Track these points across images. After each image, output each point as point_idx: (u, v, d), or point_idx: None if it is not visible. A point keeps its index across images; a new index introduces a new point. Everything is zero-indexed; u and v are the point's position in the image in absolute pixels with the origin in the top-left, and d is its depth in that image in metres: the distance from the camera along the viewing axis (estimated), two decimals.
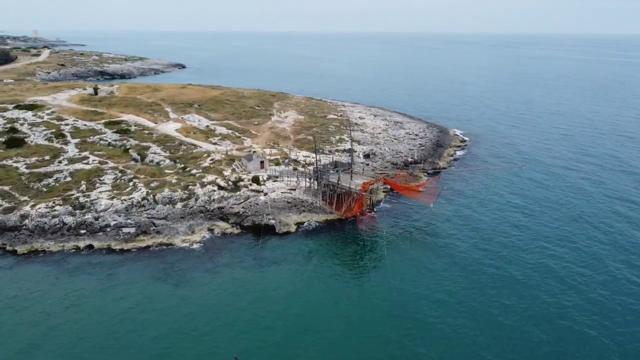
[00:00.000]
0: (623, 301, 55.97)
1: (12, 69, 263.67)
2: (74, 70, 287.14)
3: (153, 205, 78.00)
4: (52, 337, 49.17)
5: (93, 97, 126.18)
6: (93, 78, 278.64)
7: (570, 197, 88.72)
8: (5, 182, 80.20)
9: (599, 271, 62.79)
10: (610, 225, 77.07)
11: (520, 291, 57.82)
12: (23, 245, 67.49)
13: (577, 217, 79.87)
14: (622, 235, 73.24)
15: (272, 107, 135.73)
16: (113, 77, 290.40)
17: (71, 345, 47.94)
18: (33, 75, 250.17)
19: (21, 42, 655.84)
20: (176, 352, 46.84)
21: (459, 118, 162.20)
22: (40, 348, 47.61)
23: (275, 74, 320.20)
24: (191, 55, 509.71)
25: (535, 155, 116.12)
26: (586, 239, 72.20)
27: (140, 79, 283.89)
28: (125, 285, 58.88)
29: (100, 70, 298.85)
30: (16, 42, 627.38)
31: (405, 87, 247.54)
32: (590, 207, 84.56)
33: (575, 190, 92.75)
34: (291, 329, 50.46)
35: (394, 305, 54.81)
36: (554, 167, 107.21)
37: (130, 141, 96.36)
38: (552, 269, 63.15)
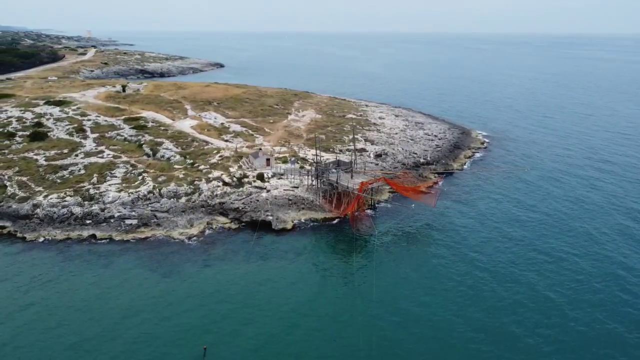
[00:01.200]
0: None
1: (59, 67, 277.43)
2: (116, 69, 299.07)
3: (158, 198, 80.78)
4: (27, 316, 52.00)
5: (119, 94, 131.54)
6: (134, 76, 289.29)
7: (575, 206, 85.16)
8: (24, 173, 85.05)
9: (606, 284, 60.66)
10: (618, 236, 74.13)
11: (505, 296, 56.67)
12: (32, 233, 71.47)
13: (578, 228, 77.12)
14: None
15: (292, 106, 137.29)
16: (153, 75, 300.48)
17: (47, 328, 50.49)
18: (77, 73, 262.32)
19: (74, 41, 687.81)
20: (146, 339, 48.59)
21: (487, 120, 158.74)
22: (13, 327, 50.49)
23: (309, 73, 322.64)
24: (233, 55, 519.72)
25: (554, 160, 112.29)
26: (589, 251, 69.75)
27: (179, 78, 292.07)
28: (117, 274, 61.43)
29: (141, 69, 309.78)
30: (70, 42, 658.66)
31: (439, 88, 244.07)
32: (597, 219, 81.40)
33: (581, 199, 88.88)
34: (266, 324, 51.31)
35: (371, 305, 54.82)
36: (570, 173, 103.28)
37: (146, 137, 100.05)
38: (538, 281, 61.48)
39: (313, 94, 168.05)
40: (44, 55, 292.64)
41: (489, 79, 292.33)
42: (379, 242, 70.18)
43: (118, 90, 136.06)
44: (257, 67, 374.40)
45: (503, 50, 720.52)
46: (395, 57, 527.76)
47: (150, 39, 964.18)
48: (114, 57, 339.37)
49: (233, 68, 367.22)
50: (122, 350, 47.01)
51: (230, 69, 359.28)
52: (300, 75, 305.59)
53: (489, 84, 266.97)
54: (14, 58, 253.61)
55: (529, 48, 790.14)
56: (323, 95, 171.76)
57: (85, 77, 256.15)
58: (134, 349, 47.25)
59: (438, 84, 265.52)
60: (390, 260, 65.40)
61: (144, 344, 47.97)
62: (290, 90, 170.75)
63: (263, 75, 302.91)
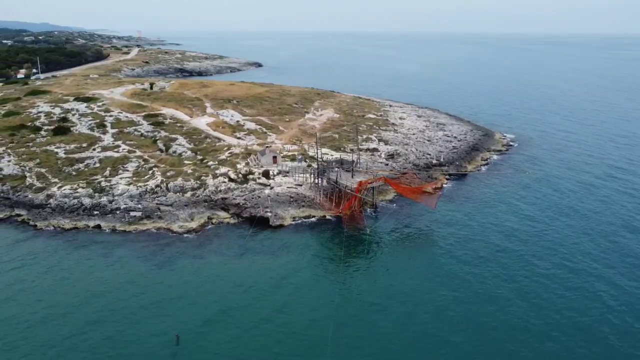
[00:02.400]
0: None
1: (102, 65, 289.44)
2: (156, 68, 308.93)
3: (165, 192, 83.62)
4: (18, 298, 55.22)
5: (144, 91, 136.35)
6: (172, 75, 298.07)
7: (581, 221, 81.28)
8: (44, 165, 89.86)
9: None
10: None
11: (488, 296, 55.68)
12: (43, 221, 75.55)
13: (579, 241, 74.43)
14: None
15: (312, 105, 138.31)
16: (191, 74, 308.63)
17: (32, 309, 53.49)
18: (119, 72, 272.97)
19: (125, 41, 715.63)
20: (123, 326, 50.65)
21: (517, 123, 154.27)
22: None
23: (343, 73, 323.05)
24: (273, 54, 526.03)
25: (572, 169, 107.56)
26: (596, 261, 67.36)
27: (215, 77, 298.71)
28: (112, 262, 64.26)
29: (180, 68, 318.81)
30: (120, 41, 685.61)
31: (473, 89, 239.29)
32: (608, 228, 78.28)
33: (589, 215, 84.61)
34: (240, 316, 52.47)
35: (348, 302, 55.10)
36: (583, 184, 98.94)
37: (161, 133, 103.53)
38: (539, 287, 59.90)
39: (337, 93, 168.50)
40: (89, 54, 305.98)
41: (528, 80, 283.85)
42: (370, 241, 70.19)
43: (145, 88, 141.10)
44: (294, 67, 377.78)
45: (553, 50, 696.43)
46: (434, 57, 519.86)
47: (197, 39, 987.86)
48: (155, 56, 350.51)
49: (270, 67, 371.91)
50: (94, 335, 49.25)
51: (268, 68, 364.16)
52: (334, 75, 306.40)
53: (528, 85, 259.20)
54: (60, 57, 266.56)
55: (582, 49, 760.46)
56: (347, 95, 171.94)
57: (126, 75, 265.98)
58: (108, 334, 49.39)
59: (473, 84, 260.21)
60: (377, 259, 65.43)
61: (119, 330, 50.06)
62: (314, 89, 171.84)
63: (297, 74, 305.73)
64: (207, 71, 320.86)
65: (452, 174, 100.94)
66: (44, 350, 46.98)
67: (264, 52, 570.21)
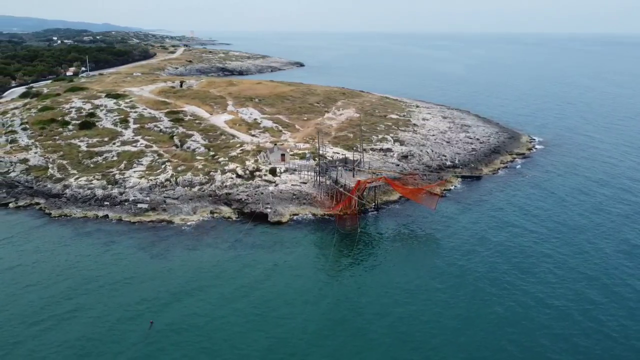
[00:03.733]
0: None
1: (148, 64, 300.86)
2: (199, 66, 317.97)
3: (174, 186, 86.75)
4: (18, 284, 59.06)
5: (172, 89, 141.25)
6: (214, 74, 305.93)
7: (589, 231, 77.84)
8: (66, 157, 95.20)
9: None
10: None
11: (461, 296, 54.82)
12: (57, 210, 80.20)
13: (584, 247, 71.52)
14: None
15: (334, 104, 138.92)
16: (232, 73, 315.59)
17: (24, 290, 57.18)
18: (162, 70, 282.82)
19: (177, 40, 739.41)
20: (101, 312, 53.31)
21: (551, 126, 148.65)
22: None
23: (382, 73, 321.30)
24: (317, 55, 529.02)
25: (597, 174, 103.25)
26: (599, 273, 64.86)
27: (255, 76, 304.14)
28: (111, 250, 67.61)
29: (222, 67, 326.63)
30: (173, 41, 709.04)
31: (512, 91, 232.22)
32: (606, 243, 74.82)
33: (598, 215, 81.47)
34: (216, 307, 54.06)
35: (323, 300, 55.66)
36: (605, 190, 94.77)
37: (179, 129, 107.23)
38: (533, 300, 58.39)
39: (365, 93, 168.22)
40: (136, 53, 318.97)
41: (575, 83, 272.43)
42: (361, 241, 70.28)
43: (173, 86, 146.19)
44: (335, 67, 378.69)
45: (611, 52, 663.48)
46: (482, 58, 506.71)
47: (247, 39, 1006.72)
48: (199, 55, 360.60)
49: (312, 67, 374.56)
50: (73, 317, 52.22)
51: (309, 68, 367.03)
52: (372, 75, 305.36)
53: (574, 87, 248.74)
54: (108, 56, 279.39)
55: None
56: (375, 95, 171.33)
57: (169, 74, 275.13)
58: (84, 320, 52.20)
59: (514, 86, 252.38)
60: (364, 259, 65.55)
61: (96, 314, 52.80)
62: (343, 88, 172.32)
63: (336, 74, 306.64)
64: (248, 70, 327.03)
65: (465, 176, 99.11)
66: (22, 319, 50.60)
67: (310, 52, 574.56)
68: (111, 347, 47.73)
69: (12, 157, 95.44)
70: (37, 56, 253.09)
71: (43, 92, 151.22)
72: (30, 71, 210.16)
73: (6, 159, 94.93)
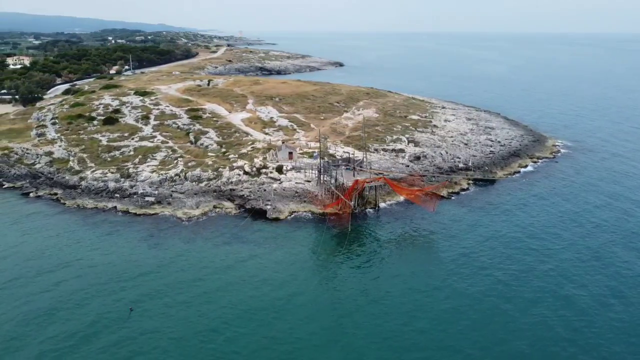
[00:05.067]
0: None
1: (189, 63, 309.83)
2: (238, 66, 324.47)
3: (182, 181, 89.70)
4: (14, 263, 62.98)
5: (196, 87, 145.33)
6: (252, 73, 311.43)
7: (591, 241, 75.27)
8: (87, 151, 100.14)
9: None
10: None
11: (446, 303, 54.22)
12: (71, 200, 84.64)
13: (581, 257, 68.81)
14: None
15: (355, 104, 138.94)
16: (270, 72, 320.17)
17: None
18: (202, 69, 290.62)
19: (224, 40, 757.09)
20: (84, 297, 56.08)
21: (584, 130, 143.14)
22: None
23: (420, 74, 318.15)
24: (359, 55, 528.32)
25: (617, 182, 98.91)
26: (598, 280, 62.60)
27: (294, 75, 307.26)
28: (112, 239, 70.85)
29: (260, 66, 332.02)
30: (220, 41, 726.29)
31: (551, 93, 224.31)
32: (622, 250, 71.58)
33: (607, 227, 78.20)
34: (197, 298, 55.84)
35: (311, 301, 56.19)
36: (623, 202, 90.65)
37: (196, 126, 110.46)
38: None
39: (391, 93, 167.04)
40: (178, 52, 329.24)
41: (621, 86, 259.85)
42: (352, 240, 70.51)
43: (200, 84, 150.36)
44: (374, 67, 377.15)
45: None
46: (531, 59, 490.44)
47: (295, 39, 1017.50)
48: (240, 55, 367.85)
49: (351, 67, 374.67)
50: (60, 301, 55.28)
51: (348, 68, 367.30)
52: (409, 76, 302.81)
53: (619, 91, 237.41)
54: (151, 55, 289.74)
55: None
56: (403, 95, 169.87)
57: (208, 73, 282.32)
58: (69, 304, 55.19)
59: (554, 88, 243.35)
60: (350, 259, 65.78)
61: (80, 299, 55.72)
62: (370, 88, 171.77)
63: (373, 74, 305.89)
64: (286, 70, 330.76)
65: (477, 179, 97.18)
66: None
67: (353, 52, 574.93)
68: (84, 325, 50.28)
69: (39, 150, 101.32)
70: (85, 55, 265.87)
71: (83, 89, 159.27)
72: (75, 69, 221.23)
73: (33, 151, 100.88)
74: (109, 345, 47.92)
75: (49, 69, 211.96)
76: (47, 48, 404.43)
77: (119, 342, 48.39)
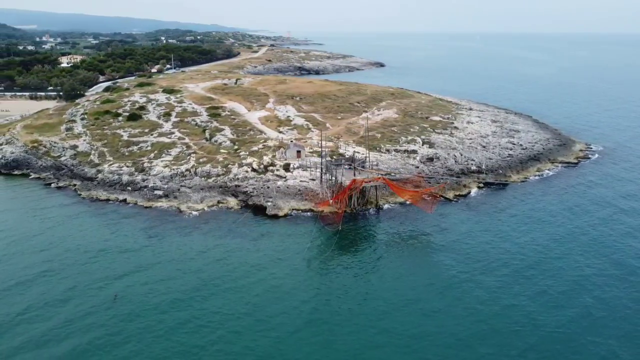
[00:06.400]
0: None
1: (229, 62, 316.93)
2: (277, 65, 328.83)
3: (192, 176, 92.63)
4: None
5: (222, 86, 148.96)
6: (291, 73, 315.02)
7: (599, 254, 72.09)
8: (108, 145, 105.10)
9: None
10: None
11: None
12: (87, 192, 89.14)
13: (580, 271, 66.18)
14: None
15: (377, 104, 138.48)
16: (309, 72, 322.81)
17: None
18: (241, 69, 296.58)
19: (271, 41, 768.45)
20: (72, 284, 59.11)
21: (622, 136, 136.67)
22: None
23: (459, 74, 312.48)
24: (403, 55, 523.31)
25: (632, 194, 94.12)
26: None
27: (332, 75, 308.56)
28: (114, 229, 74.20)
29: (299, 66, 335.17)
30: (267, 41, 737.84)
31: (596, 96, 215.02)
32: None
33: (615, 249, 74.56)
34: (181, 289, 57.77)
35: (293, 299, 56.99)
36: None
37: (213, 123, 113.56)
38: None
39: (418, 94, 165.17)
40: (219, 52, 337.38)
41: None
42: (338, 240, 70.81)
43: (226, 83, 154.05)
44: (415, 68, 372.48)
45: None
46: (583, 60, 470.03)
47: (342, 39, 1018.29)
48: (280, 54, 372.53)
49: (392, 67, 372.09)
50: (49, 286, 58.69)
51: (388, 69, 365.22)
52: (447, 76, 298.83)
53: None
54: (193, 54, 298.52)
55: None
56: (431, 95, 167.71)
57: (247, 72, 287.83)
58: (58, 288, 58.52)
59: (601, 91, 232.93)
60: (335, 259, 66.17)
61: (69, 285, 58.92)
62: (396, 88, 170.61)
63: (411, 75, 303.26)
64: (324, 70, 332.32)
65: (488, 183, 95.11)
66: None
67: (398, 52, 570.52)
68: (68, 310, 53.25)
69: (65, 143, 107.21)
70: (131, 54, 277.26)
71: (121, 87, 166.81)
72: (118, 68, 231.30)
73: (60, 145, 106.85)
74: (89, 330, 50.50)
75: (94, 67, 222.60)
76: (102, 47, 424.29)
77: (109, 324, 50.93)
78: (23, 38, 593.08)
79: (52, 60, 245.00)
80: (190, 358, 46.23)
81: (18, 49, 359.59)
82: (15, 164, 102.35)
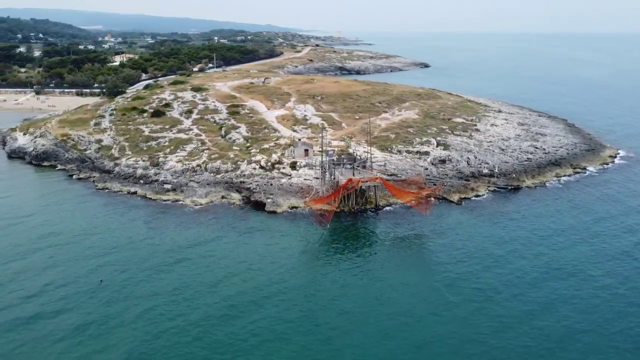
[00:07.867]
0: None
1: (270, 62, 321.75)
2: (318, 65, 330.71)
3: (202, 172, 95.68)
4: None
5: (250, 85, 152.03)
6: (332, 72, 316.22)
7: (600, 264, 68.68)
8: (129, 139, 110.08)
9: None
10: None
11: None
12: (103, 183, 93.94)
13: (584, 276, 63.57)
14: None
15: (399, 105, 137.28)
16: (350, 72, 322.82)
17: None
18: (282, 68, 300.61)
19: (321, 40, 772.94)
20: (62, 269, 62.68)
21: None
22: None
23: (504, 76, 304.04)
24: (450, 56, 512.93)
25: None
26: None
27: (373, 76, 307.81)
28: (119, 219, 77.99)
29: (340, 66, 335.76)
30: (317, 40, 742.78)
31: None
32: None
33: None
34: (169, 281, 59.81)
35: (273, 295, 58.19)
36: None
37: (231, 121, 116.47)
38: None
39: (445, 95, 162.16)
40: (262, 52, 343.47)
41: None
42: (327, 238, 71.34)
43: (252, 82, 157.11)
44: (460, 69, 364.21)
45: None
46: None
47: (394, 39, 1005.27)
48: (322, 54, 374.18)
49: (436, 68, 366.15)
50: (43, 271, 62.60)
51: (432, 69, 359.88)
52: (489, 77, 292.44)
53: None
54: (235, 54, 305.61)
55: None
56: (462, 96, 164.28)
57: (287, 72, 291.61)
58: (53, 273, 62.33)
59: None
60: (319, 258, 66.81)
61: (60, 270, 62.57)
62: (427, 89, 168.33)
63: (452, 76, 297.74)
64: (366, 70, 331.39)
65: (500, 187, 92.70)
66: None
67: (446, 53, 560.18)
68: (55, 292, 56.75)
69: (91, 137, 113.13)
70: (176, 53, 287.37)
71: (160, 85, 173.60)
72: (161, 66, 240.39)
73: (86, 139, 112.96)
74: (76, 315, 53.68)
75: (139, 65, 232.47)
76: (155, 47, 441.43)
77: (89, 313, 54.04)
78: (86, 38, 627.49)
79: (101, 59, 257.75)
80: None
81: (79, 48, 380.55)
82: (44, 155, 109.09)
